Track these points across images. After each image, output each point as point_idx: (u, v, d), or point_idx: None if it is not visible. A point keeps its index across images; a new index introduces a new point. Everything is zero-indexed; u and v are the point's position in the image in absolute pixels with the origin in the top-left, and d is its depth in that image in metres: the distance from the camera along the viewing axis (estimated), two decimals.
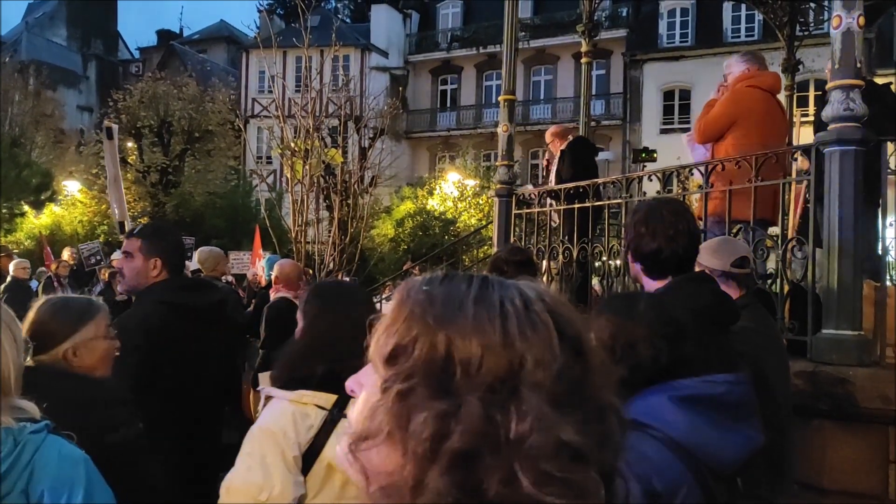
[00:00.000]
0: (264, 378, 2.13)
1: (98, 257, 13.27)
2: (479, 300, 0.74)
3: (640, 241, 2.47)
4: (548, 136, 7.38)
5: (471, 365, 0.70)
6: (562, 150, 6.99)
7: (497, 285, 0.77)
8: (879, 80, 5.70)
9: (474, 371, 0.70)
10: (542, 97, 31.79)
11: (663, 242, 2.43)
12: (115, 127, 6.12)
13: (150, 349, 2.69)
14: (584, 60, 7.79)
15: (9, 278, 9.82)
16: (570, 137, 7.14)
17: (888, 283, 3.99)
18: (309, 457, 1.92)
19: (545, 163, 7.88)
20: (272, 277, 6.11)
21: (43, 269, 13.34)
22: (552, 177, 7.09)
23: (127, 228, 5.74)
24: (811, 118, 6.67)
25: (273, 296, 5.90)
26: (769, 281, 4.17)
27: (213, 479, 2.89)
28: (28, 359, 1.69)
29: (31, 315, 2.11)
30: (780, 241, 4.19)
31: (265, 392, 1.93)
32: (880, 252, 4.29)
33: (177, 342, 2.78)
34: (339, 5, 46.54)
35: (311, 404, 1.95)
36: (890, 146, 3.96)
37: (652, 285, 2.48)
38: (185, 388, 2.74)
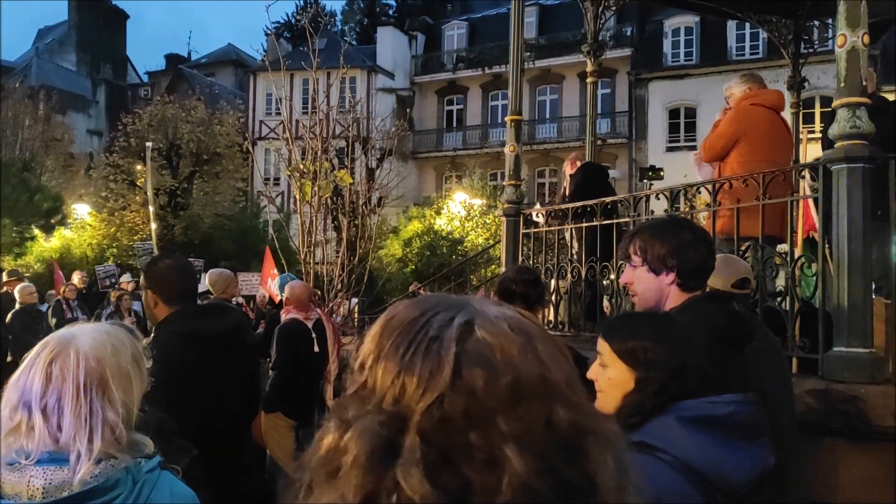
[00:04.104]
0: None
1: (113, 279, 13.29)
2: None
3: (685, 252, 2.24)
4: (564, 164, 7.66)
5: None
6: (570, 175, 7.17)
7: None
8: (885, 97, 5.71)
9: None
10: (547, 116, 31.93)
11: (706, 252, 2.31)
12: (149, 146, 6.05)
13: (166, 381, 2.59)
14: (589, 80, 7.85)
15: (17, 305, 9.85)
16: (579, 163, 7.26)
17: None
18: None
19: (563, 189, 8.08)
20: (284, 298, 6.15)
21: (51, 292, 13.36)
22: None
23: (155, 249, 5.73)
24: (817, 135, 6.68)
25: (284, 317, 5.92)
26: (779, 298, 4.16)
27: None
28: None
29: None
30: (788, 259, 4.18)
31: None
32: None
33: (195, 372, 2.70)
34: (345, 28, 47.02)
35: None
36: None
37: (680, 299, 2.29)
38: (207, 417, 2.65)
